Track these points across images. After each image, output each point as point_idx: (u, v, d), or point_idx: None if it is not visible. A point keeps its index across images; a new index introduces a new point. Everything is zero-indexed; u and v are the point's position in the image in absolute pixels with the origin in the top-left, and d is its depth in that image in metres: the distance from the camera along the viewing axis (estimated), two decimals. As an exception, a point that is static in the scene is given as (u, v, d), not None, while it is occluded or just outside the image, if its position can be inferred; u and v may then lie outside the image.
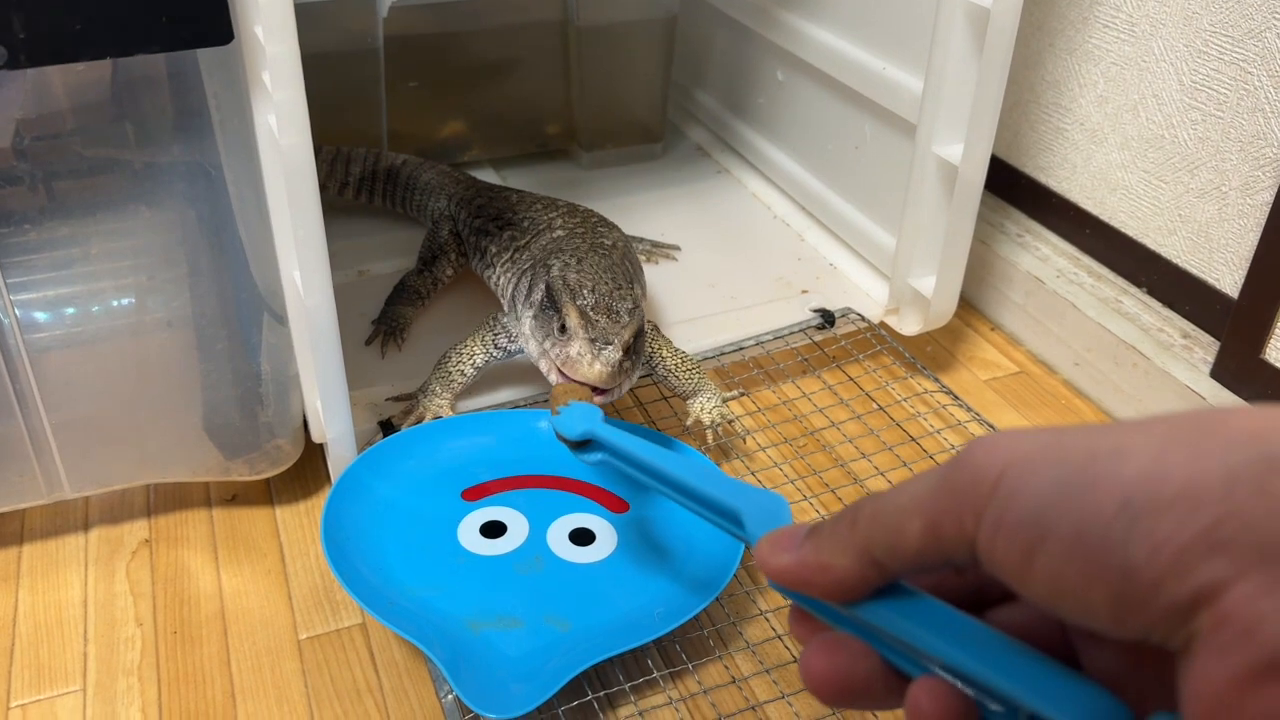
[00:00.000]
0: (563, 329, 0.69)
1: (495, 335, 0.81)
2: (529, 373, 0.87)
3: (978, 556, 0.26)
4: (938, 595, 0.30)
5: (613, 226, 0.91)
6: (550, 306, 0.72)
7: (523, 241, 0.88)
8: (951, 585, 0.32)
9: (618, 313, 0.70)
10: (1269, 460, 0.22)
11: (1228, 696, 0.21)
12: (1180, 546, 0.22)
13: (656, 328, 0.84)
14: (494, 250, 0.91)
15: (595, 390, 0.68)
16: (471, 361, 0.81)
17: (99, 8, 0.56)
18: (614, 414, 0.84)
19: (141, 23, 0.57)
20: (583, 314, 0.69)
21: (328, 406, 0.72)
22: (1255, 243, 0.83)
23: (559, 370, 0.70)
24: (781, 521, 0.36)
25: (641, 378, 0.87)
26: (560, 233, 0.87)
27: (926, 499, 0.27)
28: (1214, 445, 0.23)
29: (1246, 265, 0.84)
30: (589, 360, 0.67)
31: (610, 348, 0.67)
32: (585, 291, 0.71)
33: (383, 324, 0.92)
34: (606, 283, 0.73)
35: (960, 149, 0.82)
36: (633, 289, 0.76)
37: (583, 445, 0.58)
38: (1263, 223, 0.82)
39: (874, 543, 0.29)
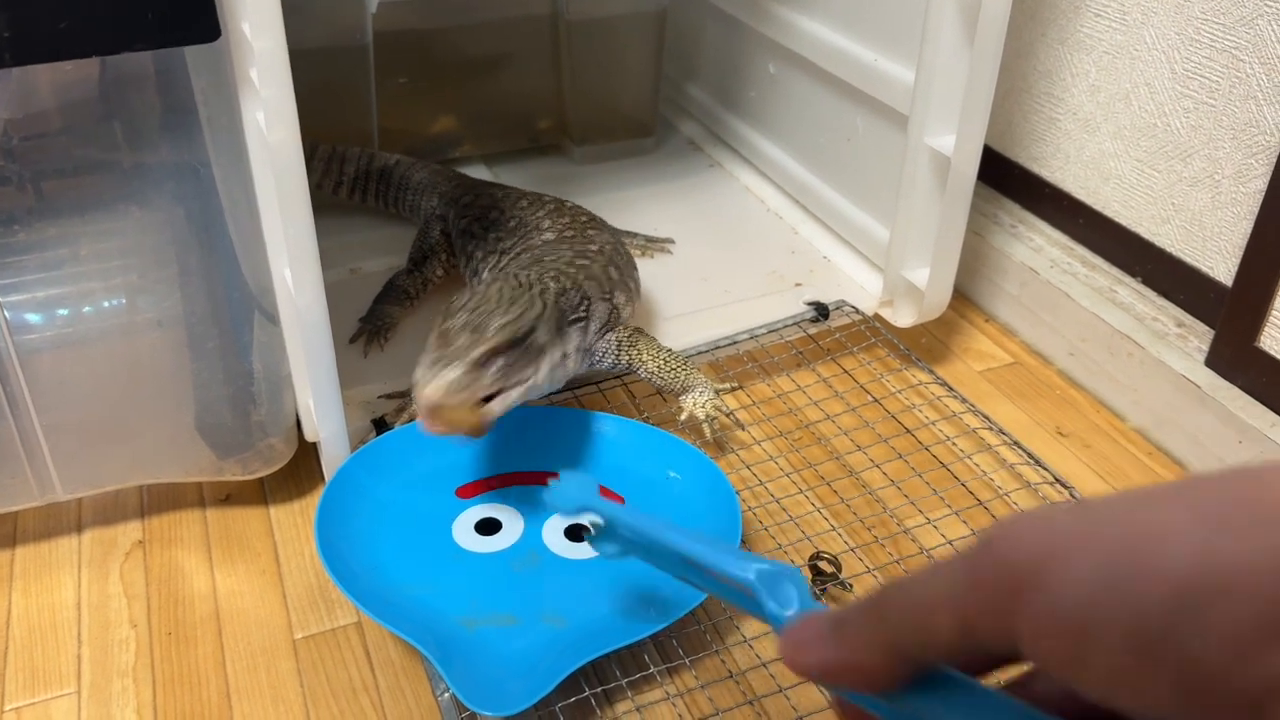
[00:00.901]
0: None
1: None
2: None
3: (1020, 651, 0.25)
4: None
5: (602, 228, 0.90)
6: None
7: (509, 244, 0.87)
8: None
9: (484, 329, 0.65)
10: None
11: None
12: (1242, 636, 0.21)
13: (639, 330, 0.83)
14: (479, 255, 0.90)
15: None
16: None
17: (84, 6, 0.56)
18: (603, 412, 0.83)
19: (127, 21, 0.57)
20: (441, 335, 0.65)
21: (320, 405, 0.71)
22: (1249, 230, 0.83)
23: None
24: (797, 595, 0.35)
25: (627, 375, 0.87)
26: (549, 235, 0.86)
27: (954, 595, 0.26)
28: (1261, 521, 0.22)
29: (1240, 253, 0.84)
30: (423, 382, 0.62)
31: (450, 367, 0.63)
32: (461, 312, 0.67)
33: (368, 323, 0.92)
34: (504, 298, 0.69)
35: (952, 140, 0.82)
36: (533, 316, 0.69)
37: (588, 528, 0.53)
38: (1256, 210, 0.82)
39: (903, 639, 0.28)
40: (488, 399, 0.65)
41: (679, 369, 0.82)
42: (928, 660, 0.28)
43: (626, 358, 0.81)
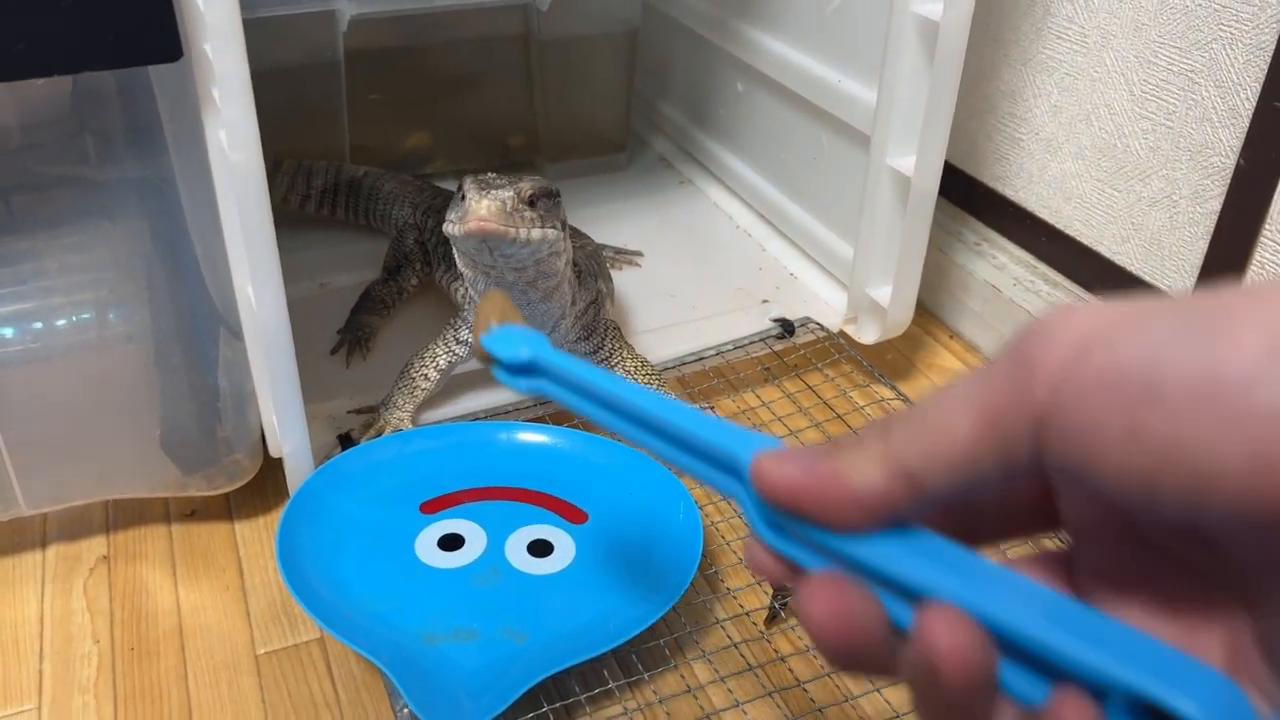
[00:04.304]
0: (463, 199, 0.69)
1: (456, 332, 0.82)
2: (491, 382, 0.87)
3: (1046, 445, 0.22)
4: None
5: (579, 234, 0.93)
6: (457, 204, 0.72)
7: None
8: (938, 526, 0.27)
9: (520, 181, 0.71)
10: None
11: None
12: None
13: (619, 330, 0.85)
14: None
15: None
16: (434, 364, 0.81)
17: (46, 26, 0.56)
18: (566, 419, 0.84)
19: (89, 40, 0.57)
20: (478, 179, 0.70)
21: (282, 421, 0.72)
22: (1205, 250, 0.84)
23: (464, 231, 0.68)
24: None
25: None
26: None
27: (980, 388, 0.23)
28: None
29: (1197, 273, 0.85)
30: (477, 199, 0.67)
31: (503, 190, 0.68)
32: (492, 174, 0.73)
33: (348, 334, 0.92)
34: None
35: (913, 160, 0.83)
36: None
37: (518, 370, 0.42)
38: (1211, 230, 0.83)
39: (908, 449, 0.24)
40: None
41: (652, 378, 0.83)
42: (929, 483, 0.24)
43: (609, 349, 0.83)
